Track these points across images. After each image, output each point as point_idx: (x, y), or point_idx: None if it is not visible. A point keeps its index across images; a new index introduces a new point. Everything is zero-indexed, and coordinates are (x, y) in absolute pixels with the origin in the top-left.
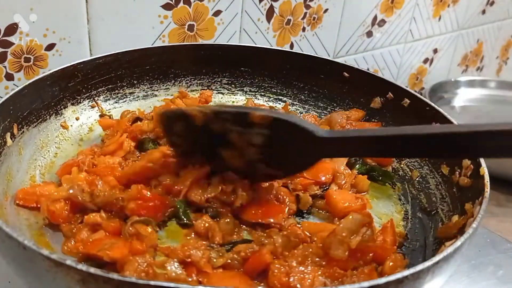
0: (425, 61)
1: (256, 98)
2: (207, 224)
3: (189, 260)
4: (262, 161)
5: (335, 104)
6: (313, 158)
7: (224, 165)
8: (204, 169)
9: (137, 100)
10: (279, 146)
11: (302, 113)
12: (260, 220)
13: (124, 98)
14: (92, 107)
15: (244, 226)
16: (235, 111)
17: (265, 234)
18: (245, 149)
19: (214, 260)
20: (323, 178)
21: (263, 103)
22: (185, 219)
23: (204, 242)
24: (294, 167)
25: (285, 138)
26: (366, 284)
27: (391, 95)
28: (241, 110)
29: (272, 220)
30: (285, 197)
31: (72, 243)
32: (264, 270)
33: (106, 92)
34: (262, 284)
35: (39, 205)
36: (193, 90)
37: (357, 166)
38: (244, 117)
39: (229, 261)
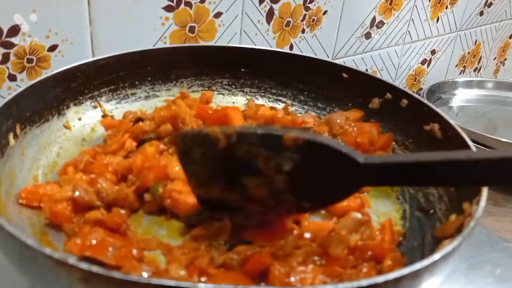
0: (423, 62)
1: (256, 99)
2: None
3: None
4: (290, 191)
5: (334, 105)
6: (349, 188)
7: (246, 195)
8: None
9: (139, 101)
10: (311, 173)
11: (301, 113)
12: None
13: (126, 98)
14: (95, 107)
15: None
16: (264, 133)
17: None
18: (272, 177)
19: (216, 258)
20: None
21: (264, 103)
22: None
23: (205, 242)
24: (325, 198)
25: (318, 164)
26: (365, 282)
27: (390, 96)
28: (271, 133)
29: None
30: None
31: (76, 241)
32: (264, 271)
33: (108, 93)
34: (262, 283)
35: (41, 205)
36: (194, 91)
37: None
38: (274, 140)
39: (229, 261)
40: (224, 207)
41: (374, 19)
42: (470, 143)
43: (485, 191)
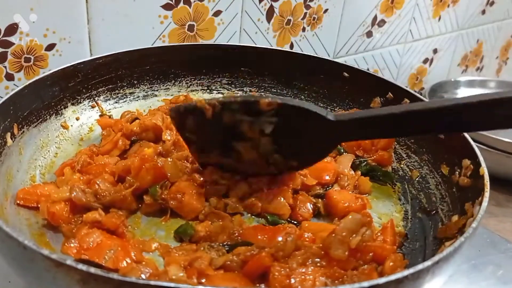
0: (425, 61)
1: None
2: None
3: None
4: (277, 152)
5: (335, 104)
6: (329, 144)
7: (240, 159)
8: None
9: (137, 100)
10: (291, 134)
11: None
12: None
13: (124, 98)
14: (92, 107)
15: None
16: (242, 100)
17: (266, 237)
18: (258, 140)
19: (215, 259)
20: (326, 177)
21: None
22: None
23: (204, 243)
24: (309, 156)
25: (296, 125)
26: (366, 284)
27: (391, 95)
28: (248, 99)
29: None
30: (299, 202)
31: (72, 245)
32: (264, 273)
33: (106, 92)
34: (262, 285)
35: (39, 205)
36: (193, 90)
37: (362, 165)
38: (252, 106)
39: (229, 262)
40: (224, 170)
41: (375, 17)
42: (472, 142)
43: (487, 192)
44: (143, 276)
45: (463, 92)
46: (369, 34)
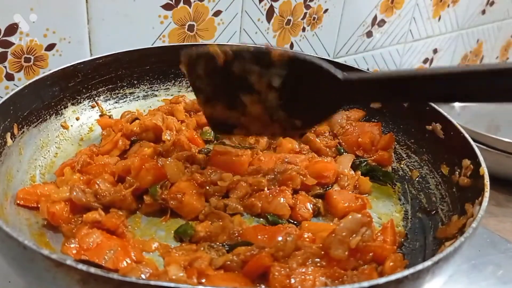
0: (425, 61)
1: None
2: (208, 229)
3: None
4: (282, 108)
5: None
6: (334, 104)
7: (245, 113)
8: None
9: (137, 100)
10: (298, 89)
11: None
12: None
13: (124, 98)
14: (92, 107)
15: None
16: (254, 50)
17: (266, 237)
18: (265, 93)
19: (215, 259)
20: (326, 178)
21: None
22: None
23: (204, 243)
24: (313, 115)
25: (303, 80)
26: (366, 284)
27: None
28: (260, 49)
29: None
30: (300, 203)
31: (72, 245)
32: (264, 273)
33: (106, 92)
34: (262, 286)
35: (39, 205)
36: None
37: (362, 165)
38: (263, 56)
39: (229, 262)
40: (229, 128)
41: (375, 17)
42: (472, 142)
43: (487, 192)
44: (143, 276)
45: None
46: (369, 34)
